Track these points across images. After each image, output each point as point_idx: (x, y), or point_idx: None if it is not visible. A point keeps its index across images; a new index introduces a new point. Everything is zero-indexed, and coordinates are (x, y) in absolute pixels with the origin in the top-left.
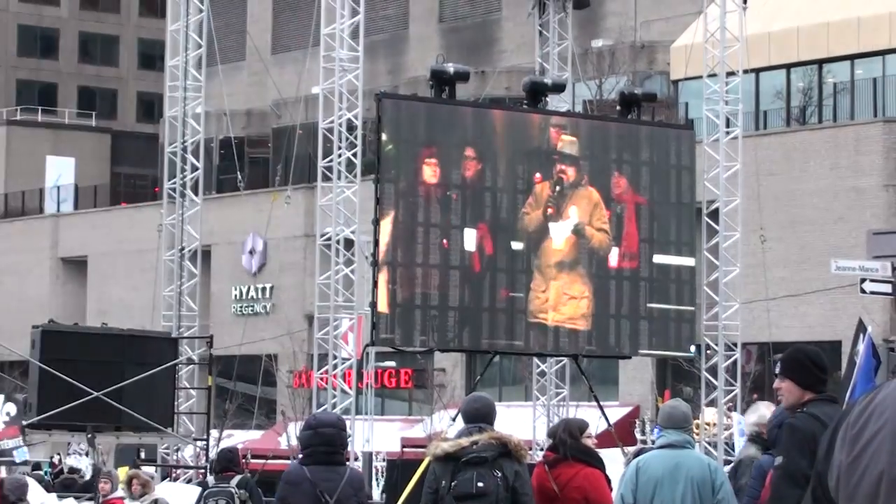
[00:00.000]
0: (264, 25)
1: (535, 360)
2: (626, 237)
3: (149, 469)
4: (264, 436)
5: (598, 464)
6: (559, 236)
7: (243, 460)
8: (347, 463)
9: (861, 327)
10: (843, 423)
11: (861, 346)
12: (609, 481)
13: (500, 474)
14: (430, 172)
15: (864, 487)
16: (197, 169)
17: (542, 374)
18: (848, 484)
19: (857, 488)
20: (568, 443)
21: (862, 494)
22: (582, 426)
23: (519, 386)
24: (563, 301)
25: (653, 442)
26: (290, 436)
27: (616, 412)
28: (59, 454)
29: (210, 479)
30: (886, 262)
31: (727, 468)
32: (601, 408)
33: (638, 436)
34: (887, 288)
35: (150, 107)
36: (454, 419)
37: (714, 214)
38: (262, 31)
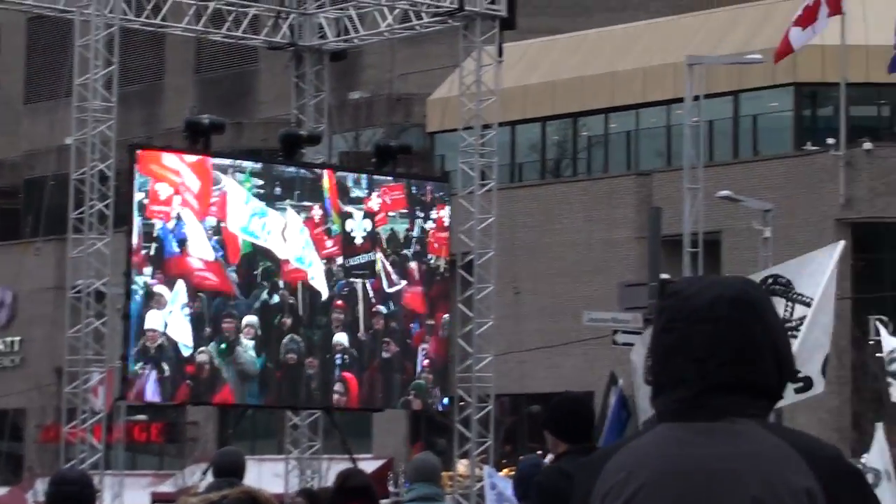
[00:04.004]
0: (17, 75)
1: (289, 413)
2: (378, 291)
3: None
4: (10, 492)
5: None
6: (313, 288)
7: None
8: None
9: (612, 380)
10: (596, 479)
11: (612, 399)
12: None
13: None
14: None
15: None
16: None
17: (295, 427)
18: None
19: None
20: None
21: None
22: None
23: (272, 439)
24: (315, 354)
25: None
26: (37, 492)
27: (370, 465)
28: None
29: None
30: (638, 314)
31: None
32: (354, 461)
33: (391, 489)
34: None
35: None
36: (205, 473)
37: (468, 266)
38: (14, 81)
